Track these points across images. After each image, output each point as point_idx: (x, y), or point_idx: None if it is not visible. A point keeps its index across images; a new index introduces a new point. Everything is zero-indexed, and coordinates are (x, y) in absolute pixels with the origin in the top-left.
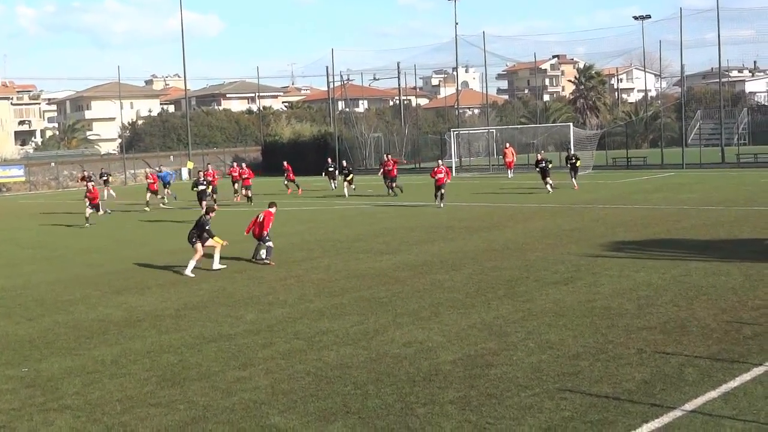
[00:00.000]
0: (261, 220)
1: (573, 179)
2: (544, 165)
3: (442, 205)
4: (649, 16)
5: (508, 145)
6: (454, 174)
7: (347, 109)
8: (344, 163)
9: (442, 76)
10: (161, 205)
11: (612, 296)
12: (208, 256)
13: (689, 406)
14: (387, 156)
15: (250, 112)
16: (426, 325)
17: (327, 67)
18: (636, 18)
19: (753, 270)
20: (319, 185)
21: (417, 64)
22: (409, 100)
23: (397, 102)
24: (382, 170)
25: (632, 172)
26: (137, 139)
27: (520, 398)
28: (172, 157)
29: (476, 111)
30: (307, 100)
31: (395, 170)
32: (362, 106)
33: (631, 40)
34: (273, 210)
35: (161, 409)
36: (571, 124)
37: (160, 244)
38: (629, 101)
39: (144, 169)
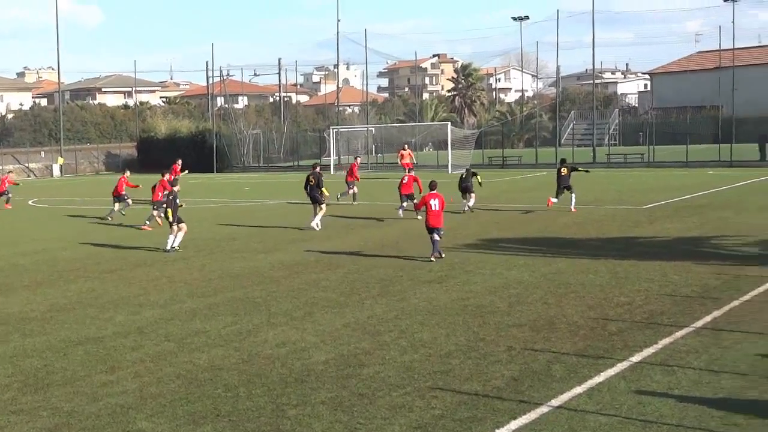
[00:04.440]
0: (437, 207)
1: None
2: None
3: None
4: (527, 17)
5: (406, 146)
6: (331, 173)
7: (226, 105)
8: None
9: (324, 72)
10: None
11: (484, 294)
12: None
13: (555, 401)
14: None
15: (126, 107)
16: (300, 325)
17: (207, 62)
18: (514, 19)
19: (619, 267)
20: (197, 182)
21: (298, 61)
22: (290, 96)
23: (278, 99)
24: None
25: (508, 171)
26: (6, 134)
27: (392, 397)
28: (42, 153)
29: (356, 109)
30: (186, 95)
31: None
32: (242, 103)
33: (512, 40)
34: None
35: (23, 416)
36: (449, 123)
37: (26, 244)
38: (507, 101)
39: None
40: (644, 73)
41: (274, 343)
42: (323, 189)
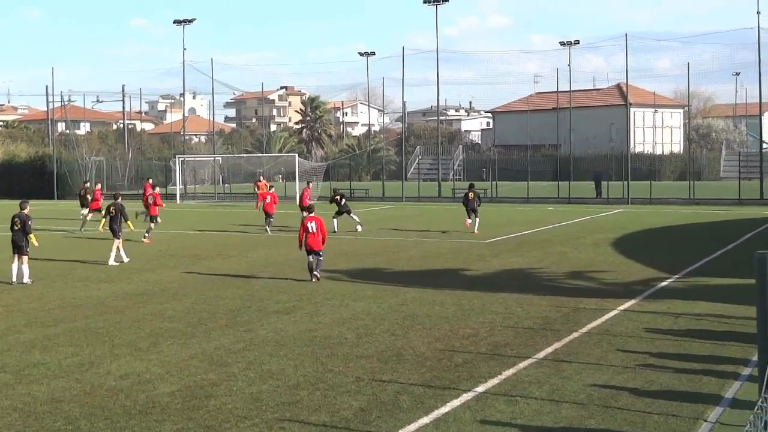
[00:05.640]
0: (314, 230)
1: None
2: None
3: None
4: (373, 53)
5: (261, 178)
6: (178, 201)
7: (67, 131)
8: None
9: (169, 101)
10: None
11: (332, 325)
12: None
13: None
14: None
15: None
16: (144, 356)
17: (47, 86)
18: (361, 54)
19: (464, 299)
20: (36, 208)
21: (144, 88)
22: (134, 124)
23: (122, 126)
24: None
25: (355, 203)
26: None
27: (239, 429)
28: None
29: (203, 138)
30: (24, 119)
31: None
32: (84, 129)
33: (358, 75)
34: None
35: None
36: (296, 154)
37: None
38: (354, 134)
39: None
40: (487, 112)
41: (118, 375)
42: (128, 221)
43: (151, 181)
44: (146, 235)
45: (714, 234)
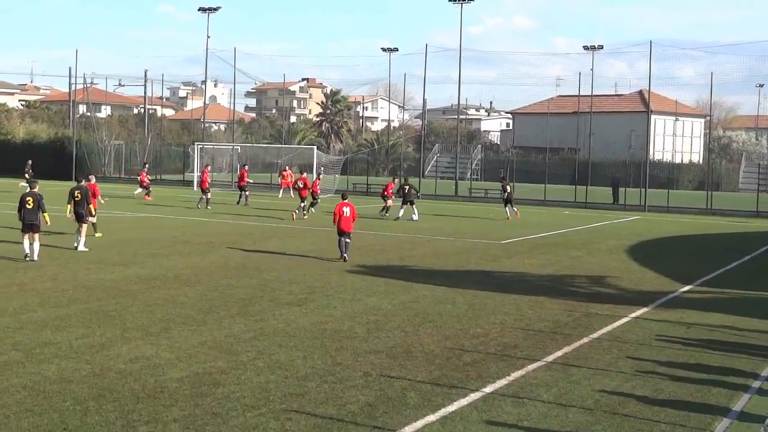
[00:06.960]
0: (347, 214)
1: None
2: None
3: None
4: (396, 49)
5: (287, 167)
6: (195, 188)
7: (88, 114)
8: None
9: (191, 88)
10: None
11: (343, 319)
12: None
13: (409, 429)
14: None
15: None
16: (155, 341)
17: (70, 68)
18: (384, 50)
19: (476, 299)
20: (55, 189)
21: (166, 74)
22: (155, 109)
23: (142, 110)
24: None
25: (371, 198)
26: None
27: (246, 418)
28: None
29: (222, 126)
30: (46, 100)
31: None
32: (105, 112)
33: (380, 70)
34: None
35: None
36: (315, 147)
37: None
38: (373, 129)
39: None
40: (507, 112)
41: (128, 358)
42: (90, 206)
43: (305, 174)
44: (304, 214)
45: (730, 245)
